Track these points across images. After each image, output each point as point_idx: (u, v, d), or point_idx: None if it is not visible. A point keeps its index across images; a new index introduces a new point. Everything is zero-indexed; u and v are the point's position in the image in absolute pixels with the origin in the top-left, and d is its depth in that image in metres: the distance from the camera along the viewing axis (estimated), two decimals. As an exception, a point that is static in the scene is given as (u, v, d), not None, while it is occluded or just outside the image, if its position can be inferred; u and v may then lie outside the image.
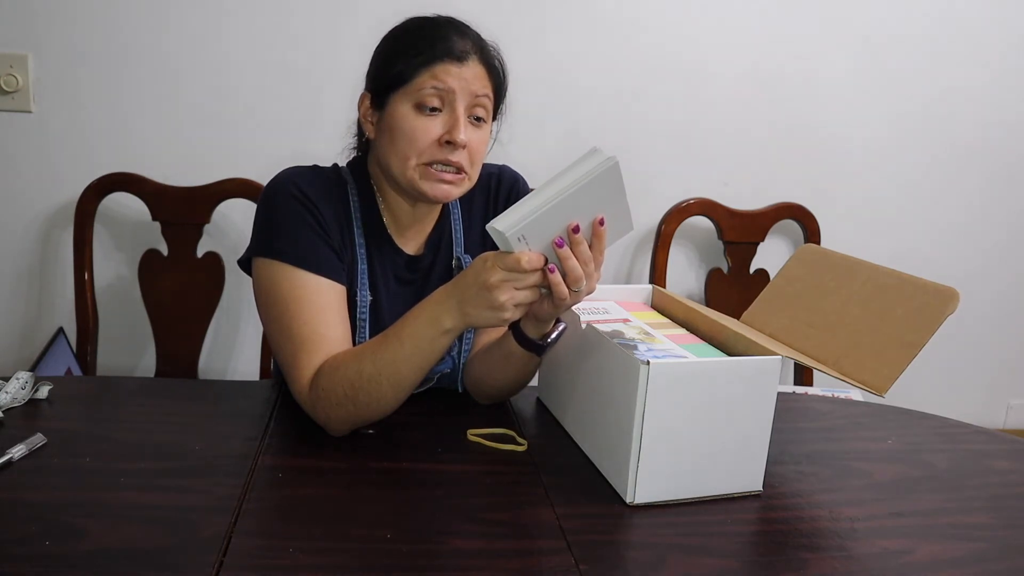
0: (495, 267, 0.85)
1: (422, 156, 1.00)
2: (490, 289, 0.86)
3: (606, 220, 0.89)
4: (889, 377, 0.89)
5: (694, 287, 2.09)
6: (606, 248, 0.91)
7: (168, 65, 1.75)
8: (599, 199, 0.87)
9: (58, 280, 1.82)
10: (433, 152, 1.00)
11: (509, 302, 0.86)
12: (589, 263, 0.88)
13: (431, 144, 1.00)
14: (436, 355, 0.93)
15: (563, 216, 0.86)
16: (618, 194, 0.89)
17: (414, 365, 0.93)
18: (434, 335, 0.91)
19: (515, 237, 0.84)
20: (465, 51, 1.00)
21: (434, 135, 0.99)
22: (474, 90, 1.00)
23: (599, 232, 0.89)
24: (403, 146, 1.00)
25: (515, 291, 0.86)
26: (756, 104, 2.00)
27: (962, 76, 2.07)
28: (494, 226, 0.84)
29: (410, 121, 1.00)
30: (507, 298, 0.86)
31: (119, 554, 0.73)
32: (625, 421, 0.86)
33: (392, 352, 0.92)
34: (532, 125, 1.86)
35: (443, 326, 0.90)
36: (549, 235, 0.86)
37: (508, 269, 0.85)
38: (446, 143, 0.99)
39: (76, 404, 1.06)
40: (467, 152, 1.01)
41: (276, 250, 1.01)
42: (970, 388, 2.31)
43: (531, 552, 0.79)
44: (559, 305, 0.90)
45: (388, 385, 0.93)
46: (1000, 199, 2.18)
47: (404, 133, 1.00)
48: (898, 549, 0.83)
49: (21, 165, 1.76)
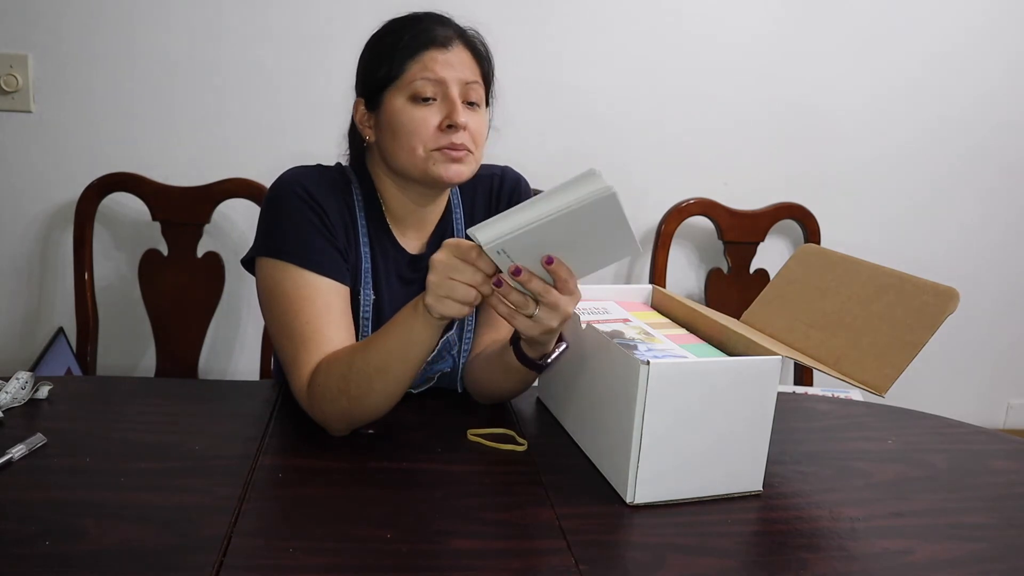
0: (445, 246, 0.85)
1: (428, 144, 1.01)
2: (431, 265, 0.85)
3: (602, 244, 0.85)
4: (889, 377, 0.89)
5: (694, 287, 2.09)
6: (607, 266, 0.90)
7: (168, 65, 1.75)
8: (592, 226, 0.81)
9: (58, 280, 1.82)
10: (437, 138, 1.01)
11: (437, 288, 0.84)
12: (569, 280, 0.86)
13: (433, 132, 1.01)
14: (419, 346, 0.91)
15: (548, 237, 0.81)
16: (616, 223, 0.81)
17: (401, 356, 0.92)
18: (412, 323, 0.89)
19: (494, 251, 0.81)
20: (448, 37, 1.03)
21: (434, 123, 1.01)
22: (463, 77, 1.02)
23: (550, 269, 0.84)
24: (407, 138, 1.01)
25: (447, 279, 0.84)
26: (756, 104, 2.00)
27: (963, 77, 2.07)
28: (474, 235, 0.80)
29: (408, 113, 1.01)
30: (435, 279, 0.84)
31: (119, 554, 0.73)
32: (625, 421, 0.86)
33: (380, 343, 0.92)
34: (532, 125, 1.86)
35: (418, 314, 0.88)
36: (533, 251, 0.82)
37: (456, 255, 0.83)
38: (447, 127, 1.01)
39: (76, 404, 1.06)
40: (468, 134, 1.02)
41: (280, 250, 1.01)
42: (970, 388, 2.31)
43: (531, 552, 0.79)
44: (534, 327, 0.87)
45: (378, 376, 0.92)
46: (1000, 199, 2.18)
47: (404, 125, 1.01)
48: (898, 549, 0.83)
49: (21, 165, 1.76)
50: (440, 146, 1.01)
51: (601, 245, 0.86)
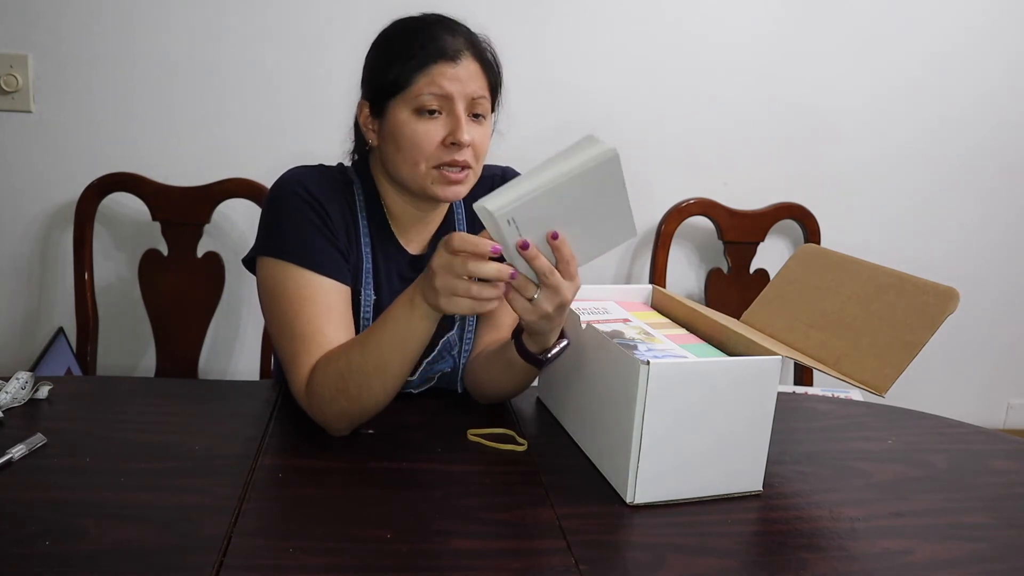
0: (441, 248, 0.84)
1: (430, 160, 1.01)
2: (434, 270, 0.84)
3: (602, 218, 0.86)
4: (889, 377, 0.89)
5: (694, 287, 2.09)
6: (606, 251, 0.90)
7: (168, 65, 1.75)
8: (596, 192, 0.83)
9: (58, 280, 1.82)
10: (439, 154, 1.01)
11: (443, 289, 0.84)
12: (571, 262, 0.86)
13: (436, 147, 1.00)
14: (418, 340, 0.91)
15: (556, 205, 0.81)
16: (617, 189, 0.84)
17: (398, 350, 0.92)
18: (410, 317, 0.89)
19: (504, 219, 0.80)
20: (457, 49, 1.01)
21: (437, 138, 1.00)
22: (471, 92, 1.01)
23: (555, 245, 0.85)
24: (409, 152, 1.01)
25: (448, 278, 0.83)
26: (756, 104, 2.00)
27: (963, 77, 2.07)
28: (484, 205, 0.80)
29: (412, 126, 1.00)
30: (440, 284, 0.84)
31: (119, 554, 0.73)
32: (625, 421, 0.86)
33: (376, 339, 0.92)
34: (532, 126, 1.86)
35: (416, 308, 0.89)
36: (540, 223, 0.82)
37: (450, 250, 0.83)
38: (451, 144, 1.00)
39: (76, 404, 1.06)
40: (471, 150, 1.02)
41: (281, 250, 1.01)
42: (970, 388, 2.31)
43: (531, 552, 0.79)
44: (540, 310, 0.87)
45: (375, 373, 0.92)
46: (1000, 199, 2.18)
47: (408, 139, 1.01)
48: (898, 549, 0.83)
49: (21, 165, 1.76)
50: (442, 163, 1.00)
51: (602, 220, 0.87)
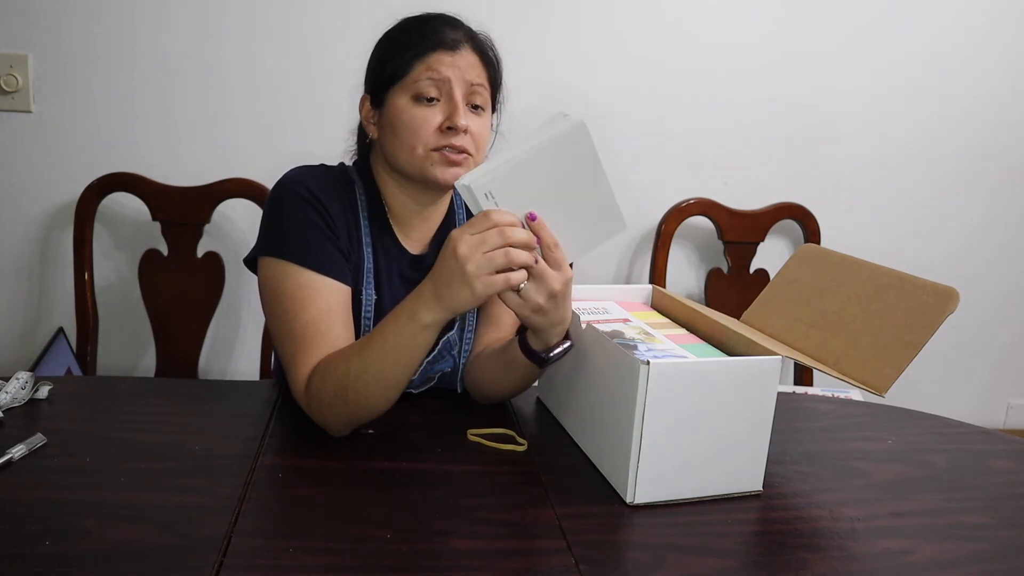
0: (461, 235, 0.84)
1: (427, 144, 1.02)
2: (460, 260, 0.84)
3: (583, 200, 0.90)
4: (889, 377, 0.89)
5: (694, 287, 2.09)
6: (597, 246, 0.91)
7: (168, 65, 1.75)
8: (569, 164, 0.88)
9: (58, 280, 1.82)
10: (437, 139, 1.01)
11: (479, 271, 0.84)
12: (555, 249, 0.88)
13: (433, 132, 1.01)
14: (420, 351, 0.92)
15: (531, 175, 0.86)
16: (591, 162, 0.89)
17: (399, 362, 0.92)
18: (414, 331, 0.89)
19: (482, 193, 0.85)
20: (457, 40, 1.03)
21: (435, 123, 1.01)
22: (469, 78, 1.02)
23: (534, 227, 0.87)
24: (407, 137, 1.02)
25: (483, 256, 0.84)
26: (756, 104, 2.00)
27: (963, 77, 2.07)
28: (461, 181, 0.85)
29: (410, 112, 1.02)
30: (474, 267, 0.84)
31: (119, 554, 0.73)
32: (625, 421, 0.86)
33: (377, 350, 0.92)
34: (532, 126, 1.86)
35: (422, 321, 0.89)
36: (517, 195, 0.86)
37: (474, 232, 0.84)
38: (448, 129, 1.01)
39: (76, 404, 1.06)
40: (470, 137, 1.02)
41: (282, 250, 1.01)
42: (970, 388, 2.31)
43: (531, 552, 0.79)
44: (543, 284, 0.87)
45: (375, 384, 0.92)
46: (1000, 199, 2.18)
47: (405, 124, 1.02)
48: (898, 549, 0.83)
49: (21, 165, 1.76)
50: (440, 146, 1.01)
51: (583, 203, 0.90)
